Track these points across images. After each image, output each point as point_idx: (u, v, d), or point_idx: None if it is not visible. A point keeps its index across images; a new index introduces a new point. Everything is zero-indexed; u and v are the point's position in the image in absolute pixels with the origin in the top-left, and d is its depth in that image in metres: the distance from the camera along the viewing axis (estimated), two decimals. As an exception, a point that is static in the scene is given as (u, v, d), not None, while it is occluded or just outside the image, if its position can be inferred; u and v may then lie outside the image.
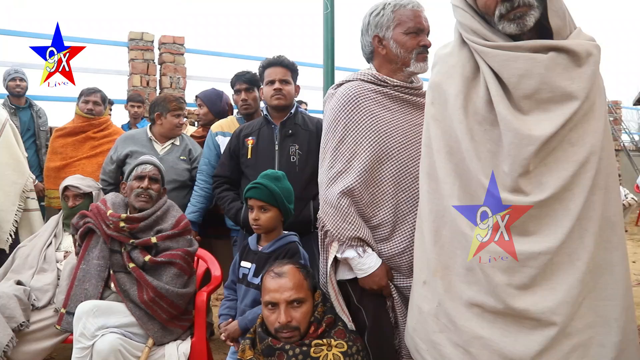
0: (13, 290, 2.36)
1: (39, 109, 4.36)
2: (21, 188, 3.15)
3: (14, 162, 3.17)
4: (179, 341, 2.30)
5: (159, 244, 2.27)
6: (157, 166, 2.43)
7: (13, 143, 3.18)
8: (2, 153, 3.10)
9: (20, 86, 4.14)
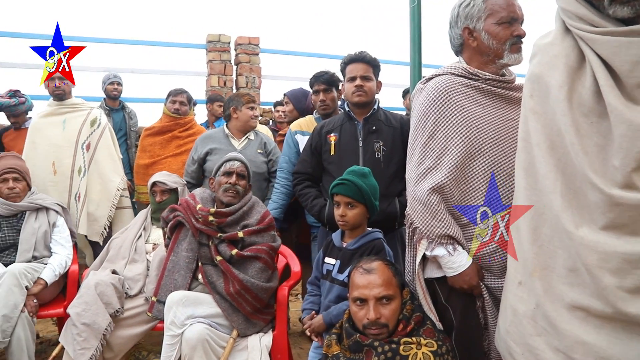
0: (110, 278, 2.55)
1: (131, 110, 4.69)
2: (116, 186, 3.40)
3: (111, 162, 3.43)
4: (261, 334, 2.39)
5: (245, 239, 2.36)
6: (244, 163, 2.53)
7: (111, 144, 3.45)
8: (102, 153, 3.37)
9: (117, 89, 4.48)
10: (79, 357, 2.32)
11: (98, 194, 3.34)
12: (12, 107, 4.03)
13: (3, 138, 4.23)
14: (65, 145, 3.33)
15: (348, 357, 1.65)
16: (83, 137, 3.36)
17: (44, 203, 2.99)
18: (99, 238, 3.32)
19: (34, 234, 2.89)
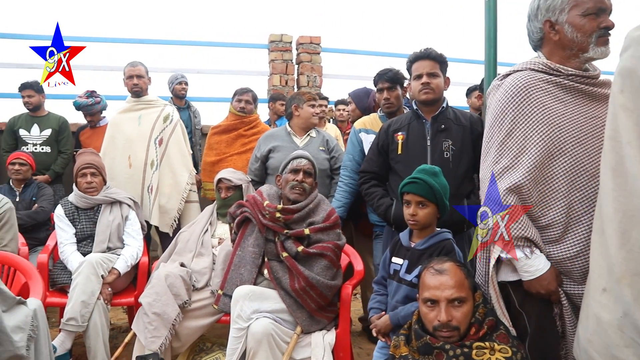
0: (178, 271, 2.65)
1: (195, 109, 4.87)
2: (186, 180, 3.54)
3: (182, 157, 3.58)
4: (324, 331, 2.40)
5: (311, 236, 2.39)
6: (310, 160, 2.56)
7: (182, 140, 3.60)
8: (173, 148, 3.53)
9: (184, 89, 4.66)
10: (150, 344, 2.43)
11: (169, 187, 3.49)
12: (89, 107, 4.29)
13: (80, 136, 4.51)
14: (139, 139, 3.52)
15: (417, 359, 1.62)
16: (156, 133, 3.53)
17: (118, 197, 3.16)
18: (169, 230, 3.47)
19: (108, 226, 3.06)
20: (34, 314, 2.09)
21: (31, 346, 2.02)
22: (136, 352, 2.50)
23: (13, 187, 3.74)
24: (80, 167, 3.11)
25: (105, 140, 3.65)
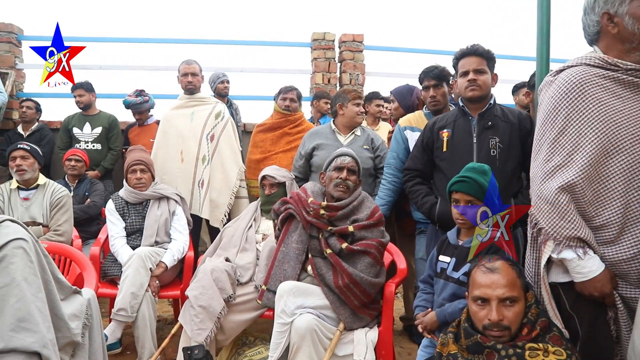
0: (224, 265, 2.71)
1: (237, 107, 4.94)
2: (236, 176, 3.62)
3: (232, 153, 3.66)
4: (367, 329, 2.41)
5: (355, 233, 2.40)
6: (354, 158, 2.57)
7: (232, 137, 3.69)
8: (224, 144, 3.62)
9: (227, 87, 4.73)
10: (196, 336, 2.50)
11: (220, 182, 3.58)
12: (138, 105, 4.45)
13: (129, 133, 4.68)
14: (191, 135, 3.62)
15: (466, 358, 1.61)
16: (208, 129, 3.62)
17: (166, 193, 3.26)
18: (220, 224, 3.56)
19: (156, 221, 3.17)
20: (88, 303, 2.19)
21: (86, 333, 2.12)
22: (182, 344, 2.58)
23: (68, 182, 3.93)
24: (131, 163, 3.24)
25: (157, 135, 3.78)
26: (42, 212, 3.18)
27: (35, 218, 3.16)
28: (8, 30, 5.47)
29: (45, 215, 3.19)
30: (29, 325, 1.75)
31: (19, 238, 1.88)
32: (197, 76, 3.71)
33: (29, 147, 3.20)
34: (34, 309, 1.79)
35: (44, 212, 3.18)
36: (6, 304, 1.75)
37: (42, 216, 3.18)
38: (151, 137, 4.42)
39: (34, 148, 3.24)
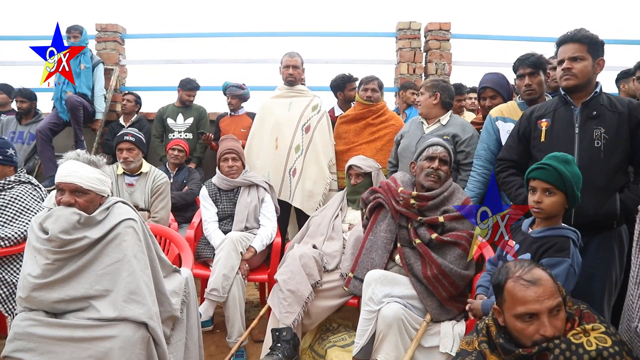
0: (311, 252, 2.79)
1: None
2: (327, 167, 3.66)
3: (325, 145, 3.71)
4: (454, 322, 2.38)
5: (446, 224, 2.37)
6: (447, 148, 2.53)
7: (327, 129, 3.74)
8: (319, 136, 3.69)
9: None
10: (284, 319, 2.59)
11: (314, 173, 3.65)
12: (233, 88, 4.65)
13: (220, 123, 4.89)
14: (288, 124, 3.72)
15: None
16: (304, 120, 3.71)
17: (255, 180, 3.39)
18: (312, 213, 3.63)
19: (246, 207, 3.31)
20: (186, 282, 2.35)
21: (184, 309, 2.28)
22: (271, 325, 2.69)
23: (169, 169, 4.22)
24: (223, 152, 3.40)
25: (255, 121, 3.94)
26: (144, 198, 3.42)
27: (138, 204, 3.41)
28: (113, 30, 5.92)
29: (147, 201, 3.42)
30: (138, 297, 1.91)
31: (129, 218, 2.06)
32: (297, 69, 3.80)
33: (134, 138, 3.41)
34: (142, 284, 1.95)
35: (146, 198, 3.42)
36: (119, 277, 1.93)
37: (143, 202, 3.42)
38: (242, 127, 4.61)
39: (139, 139, 3.45)
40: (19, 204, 2.97)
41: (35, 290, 1.90)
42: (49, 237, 1.91)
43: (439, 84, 3.27)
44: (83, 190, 1.99)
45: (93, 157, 2.07)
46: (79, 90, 4.92)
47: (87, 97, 4.98)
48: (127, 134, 3.42)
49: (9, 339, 1.87)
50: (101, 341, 1.82)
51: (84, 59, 5.00)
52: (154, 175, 3.46)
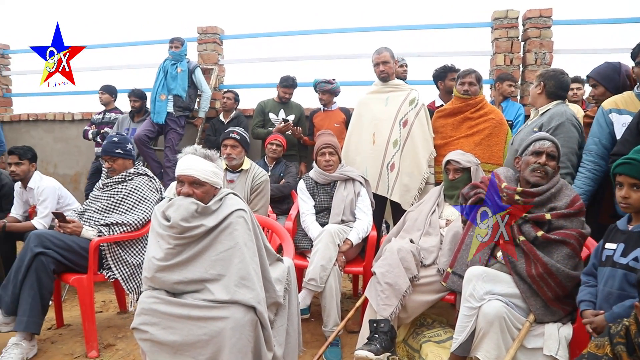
0: (409, 246, 2.80)
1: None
2: (426, 162, 3.65)
3: (424, 140, 3.68)
4: (559, 324, 2.28)
5: (553, 222, 2.27)
6: (555, 143, 2.42)
7: (425, 123, 3.71)
8: (417, 130, 3.67)
9: (406, 71, 4.73)
10: (382, 311, 2.63)
11: (411, 167, 3.64)
12: (322, 84, 4.77)
13: (313, 118, 5.03)
14: (385, 119, 3.73)
15: None
16: (401, 114, 3.70)
17: (352, 174, 3.45)
18: (408, 207, 3.64)
19: (343, 201, 3.38)
20: (288, 271, 2.46)
21: (286, 297, 2.39)
22: (368, 317, 2.74)
23: (267, 162, 4.42)
24: (320, 147, 3.49)
25: (352, 118, 4.00)
26: (244, 195, 3.58)
27: (237, 200, 3.59)
28: (213, 32, 6.26)
29: (246, 198, 3.58)
30: (248, 283, 2.04)
31: (240, 209, 2.20)
32: (388, 63, 3.79)
33: (239, 136, 3.58)
34: (252, 270, 2.08)
35: (245, 195, 3.58)
36: (231, 263, 2.07)
37: (243, 198, 3.59)
38: (335, 122, 4.71)
39: (243, 138, 3.61)
40: (138, 194, 3.27)
41: (159, 272, 2.10)
42: (171, 224, 2.09)
43: (546, 73, 3.13)
44: (200, 182, 2.16)
45: (209, 151, 2.24)
46: (174, 92, 5.28)
47: (182, 98, 5.32)
48: (233, 131, 3.60)
49: (137, 313, 2.09)
50: (215, 321, 1.97)
51: (181, 64, 5.36)
52: (254, 173, 3.61)
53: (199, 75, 5.46)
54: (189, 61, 5.45)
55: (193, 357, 1.98)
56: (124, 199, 3.24)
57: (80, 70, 7.04)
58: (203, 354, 1.97)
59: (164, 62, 5.40)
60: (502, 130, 3.46)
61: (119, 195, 3.26)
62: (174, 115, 5.30)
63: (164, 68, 5.34)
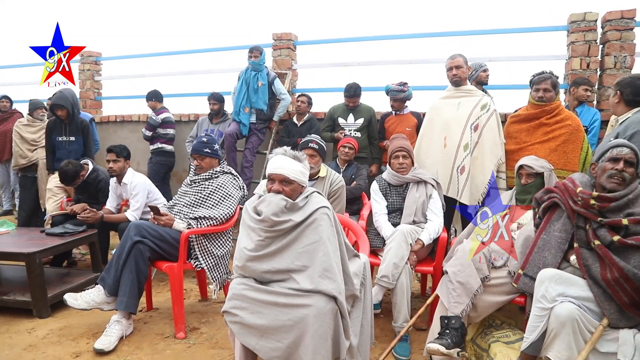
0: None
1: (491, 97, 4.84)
2: (493, 167, 3.70)
3: (493, 145, 3.73)
4: (636, 330, 2.29)
5: (630, 227, 2.30)
6: (634, 150, 2.44)
7: (495, 128, 3.77)
8: (487, 135, 3.75)
9: (488, 76, 4.72)
10: (453, 308, 2.74)
11: (478, 171, 3.73)
12: (395, 92, 4.90)
13: (385, 123, 5.18)
14: (456, 123, 3.84)
15: None
16: (472, 119, 3.79)
17: (424, 177, 3.58)
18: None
19: (415, 202, 3.51)
20: (364, 266, 2.63)
21: (362, 290, 2.56)
22: (439, 313, 2.86)
23: (338, 164, 4.62)
24: (394, 150, 3.64)
25: (424, 122, 4.13)
26: None
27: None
28: (287, 38, 6.56)
29: None
30: (330, 274, 2.23)
31: (324, 206, 2.40)
32: (461, 68, 3.88)
33: (317, 146, 3.78)
34: (334, 263, 2.27)
35: None
36: (315, 255, 2.27)
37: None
38: (407, 126, 4.84)
39: (321, 147, 3.82)
40: (224, 191, 3.56)
41: (249, 261, 2.33)
42: (262, 218, 2.32)
43: (622, 80, 3.11)
44: (289, 180, 2.38)
45: (297, 153, 2.46)
46: (255, 106, 5.63)
47: (263, 112, 5.65)
48: (312, 141, 3.82)
49: (228, 298, 2.34)
50: (299, 308, 2.16)
51: (261, 76, 5.68)
52: (331, 179, 3.81)
53: (278, 86, 5.78)
54: (268, 73, 5.76)
55: (278, 340, 2.18)
56: (211, 194, 3.55)
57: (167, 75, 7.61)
58: (287, 338, 2.16)
59: (245, 73, 5.74)
60: (578, 137, 3.44)
61: (206, 191, 3.57)
62: (255, 125, 5.72)
63: (246, 80, 5.69)
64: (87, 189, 4.80)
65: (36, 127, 6.31)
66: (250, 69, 5.69)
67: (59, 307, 3.70)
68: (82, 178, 4.72)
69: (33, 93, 7.10)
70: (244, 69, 5.80)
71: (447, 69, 3.95)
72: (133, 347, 3.07)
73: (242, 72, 5.80)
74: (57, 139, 5.39)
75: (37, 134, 6.22)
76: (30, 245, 3.75)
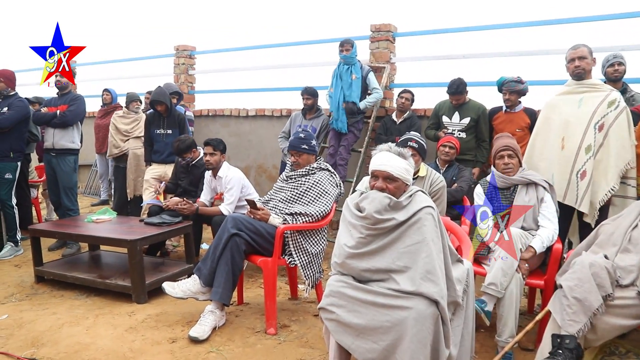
0: (603, 262, 2.73)
1: (633, 94, 4.46)
2: (618, 172, 3.52)
3: (620, 147, 3.54)
4: None
5: None
6: None
7: (625, 129, 3.55)
8: (613, 136, 3.54)
9: (617, 71, 4.36)
10: (567, 326, 2.63)
11: (600, 177, 3.55)
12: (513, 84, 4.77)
13: (493, 120, 5.06)
14: (577, 122, 3.63)
15: None
16: (597, 117, 3.56)
17: (534, 179, 3.45)
18: (591, 220, 3.57)
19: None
20: (467, 272, 2.61)
21: (464, 298, 2.54)
22: (550, 331, 2.74)
23: (438, 165, 4.60)
24: (499, 149, 3.56)
25: (538, 121, 3.96)
26: None
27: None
28: (386, 30, 6.60)
29: None
30: (433, 277, 2.25)
31: (429, 206, 2.43)
32: (585, 59, 3.65)
33: (417, 144, 3.77)
34: (437, 265, 2.29)
35: None
36: (418, 256, 2.31)
37: None
38: (517, 126, 4.69)
39: (421, 145, 3.80)
40: (320, 187, 3.70)
41: (349, 258, 2.42)
42: (364, 215, 2.40)
43: None
44: (393, 177, 2.44)
45: (402, 150, 2.51)
46: (348, 99, 5.72)
47: (356, 105, 5.73)
48: (411, 139, 3.83)
49: (325, 294, 2.43)
50: (398, 310, 2.19)
51: (354, 69, 5.77)
52: (432, 179, 3.81)
53: (372, 80, 5.83)
54: (362, 66, 5.85)
55: (374, 341, 2.23)
56: (307, 191, 3.70)
57: (260, 69, 7.97)
58: (384, 340, 2.20)
59: (338, 67, 5.87)
60: None
61: (303, 187, 3.72)
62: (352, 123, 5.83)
63: (340, 74, 5.82)
64: (193, 172, 5.29)
65: (130, 118, 7.04)
66: (343, 63, 5.81)
67: (155, 295, 4.07)
68: (193, 155, 5.27)
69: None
70: (337, 64, 5.93)
71: (567, 61, 3.74)
72: (225, 339, 3.28)
73: (334, 70, 5.94)
74: (155, 132, 5.92)
75: (130, 126, 6.92)
76: (132, 233, 4.14)
